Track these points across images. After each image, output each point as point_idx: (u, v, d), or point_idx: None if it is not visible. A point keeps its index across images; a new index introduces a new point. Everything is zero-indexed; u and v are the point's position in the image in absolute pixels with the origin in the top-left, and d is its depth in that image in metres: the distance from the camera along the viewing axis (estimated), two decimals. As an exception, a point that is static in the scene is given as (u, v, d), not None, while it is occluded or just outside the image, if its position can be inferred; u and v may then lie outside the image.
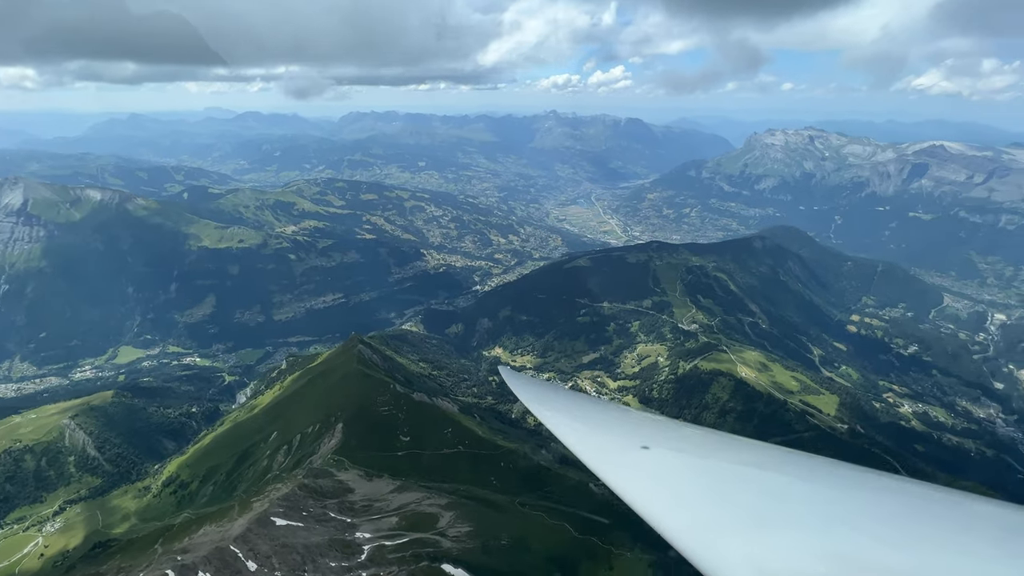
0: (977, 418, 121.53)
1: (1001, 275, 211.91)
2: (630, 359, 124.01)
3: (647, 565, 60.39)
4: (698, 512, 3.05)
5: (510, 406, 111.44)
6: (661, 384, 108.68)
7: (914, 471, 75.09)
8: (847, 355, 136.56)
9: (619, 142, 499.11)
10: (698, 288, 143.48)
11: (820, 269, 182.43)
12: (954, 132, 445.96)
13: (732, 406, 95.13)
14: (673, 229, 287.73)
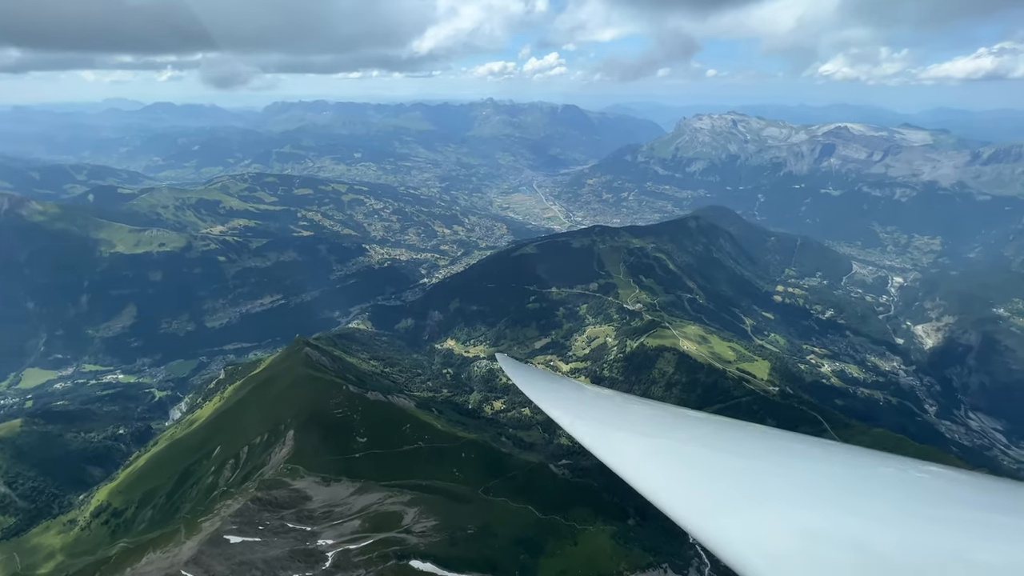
0: (884, 371, 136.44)
1: (898, 242, 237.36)
2: (580, 341, 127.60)
3: (609, 536, 63.17)
4: (694, 490, 3.04)
5: (467, 397, 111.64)
6: (611, 363, 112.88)
7: (835, 423, 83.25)
8: (774, 323, 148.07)
9: (557, 129, 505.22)
10: (640, 269, 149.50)
11: (748, 245, 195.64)
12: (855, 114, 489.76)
13: (677, 378, 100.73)
14: (613, 213, 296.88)
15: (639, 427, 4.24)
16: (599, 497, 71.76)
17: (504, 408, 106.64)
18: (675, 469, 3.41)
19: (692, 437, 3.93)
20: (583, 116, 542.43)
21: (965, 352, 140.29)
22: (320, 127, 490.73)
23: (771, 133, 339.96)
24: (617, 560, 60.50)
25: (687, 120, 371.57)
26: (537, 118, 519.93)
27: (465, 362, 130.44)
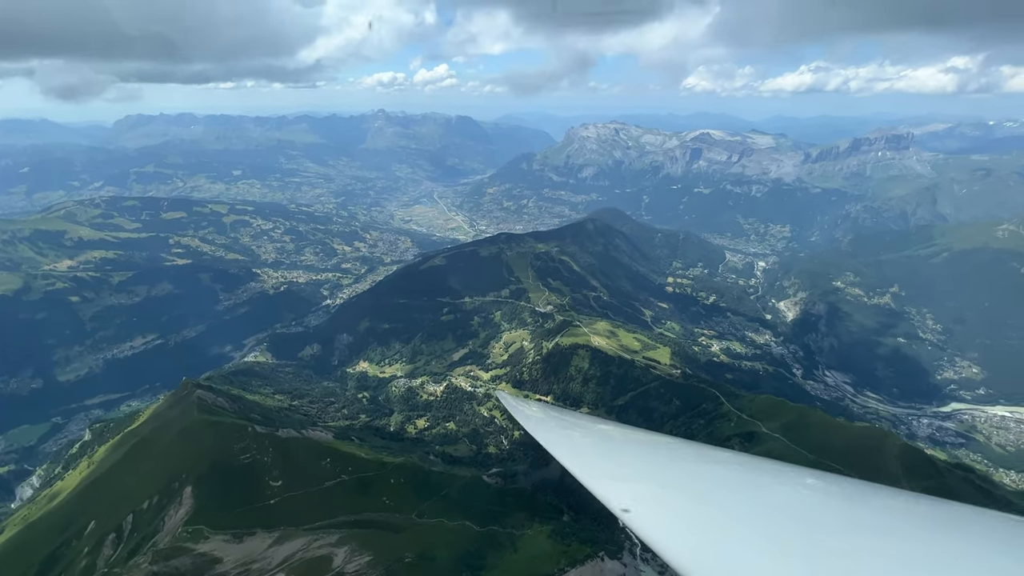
0: (759, 344, 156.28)
1: (758, 232, 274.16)
2: (498, 348, 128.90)
3: (547, 536, 64.42)
4: (699, 536, 3.00)
5: (387, 419, 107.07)
6: (530, 366, 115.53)
7: (728, 396, 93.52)
8: (669, 312, 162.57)
9: (452, 139, 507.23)
10: (547, 272, 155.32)
11: (639, 242, 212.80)
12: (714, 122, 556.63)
13: (592, 373, 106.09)
14: (515, 220, 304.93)
15: (635, 459, 4.31)
16: (533, 499, 72.97)
17: (428, 425, 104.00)
18: (675, 517, 3.39)
19: (692, 474, 3.98)
20: (477, 127, 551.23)
21: (817, 320, 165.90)
22: (189, 143, 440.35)
23: (649, 140, 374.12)
24: (557, 558, 61.91)
25: (575, 129, 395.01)
26: (432, 129, 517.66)
27: (382, 383, 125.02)
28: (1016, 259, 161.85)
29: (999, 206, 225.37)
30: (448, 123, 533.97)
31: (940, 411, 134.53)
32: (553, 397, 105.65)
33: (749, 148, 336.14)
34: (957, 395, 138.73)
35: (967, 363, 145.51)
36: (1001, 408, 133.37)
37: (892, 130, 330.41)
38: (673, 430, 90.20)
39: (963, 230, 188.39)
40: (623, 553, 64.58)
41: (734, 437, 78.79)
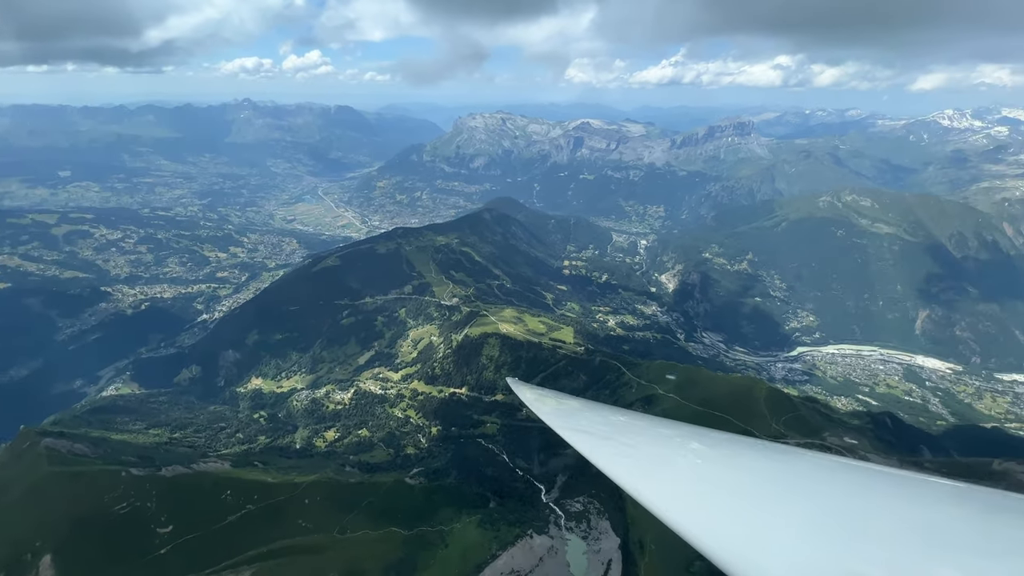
0: (648, 315, 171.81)
1: (638, 213, 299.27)
2: (406, 346, 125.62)
3: (476, 526, 65.19)
4: (712, 511, 3.11)
5: (291, 437, 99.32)
6: (441, 361, 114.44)
7: (628, 365, 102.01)
8: (568, 293, 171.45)
9: (333, 131, 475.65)
10: (449, 264, 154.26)
11: (535, 229, 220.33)
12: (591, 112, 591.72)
13: (504, 360, 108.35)
14: (410, 214, 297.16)
15: (648, 442, 4.58)
16: (459, 492, 73.14)
17: (339, 436, 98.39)
18: (685, 493, 3.47)
19: (711, 458, 4.06)
20: (360, 117, 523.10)
21: (692, 289, 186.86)
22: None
23: (535, 129, 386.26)
24: (487, 545, 63.03)
25: (463, 119, 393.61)
26: (309, 120, 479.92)
27: (281, 399, 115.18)
28: (834, 224, 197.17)
29: (819, 182, 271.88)
30: (327, 113, 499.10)
31: (789, 355, 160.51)
32: (468, 388, 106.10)
33: (625, 136, 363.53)
34: (800, 340, 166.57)
35: (806, 313, 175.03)
36: (832, 347, 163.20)
37: (737, 119, 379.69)
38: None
39: (794, 203, 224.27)
40: (549, 527, 67.75)
41: (636, 402, 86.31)
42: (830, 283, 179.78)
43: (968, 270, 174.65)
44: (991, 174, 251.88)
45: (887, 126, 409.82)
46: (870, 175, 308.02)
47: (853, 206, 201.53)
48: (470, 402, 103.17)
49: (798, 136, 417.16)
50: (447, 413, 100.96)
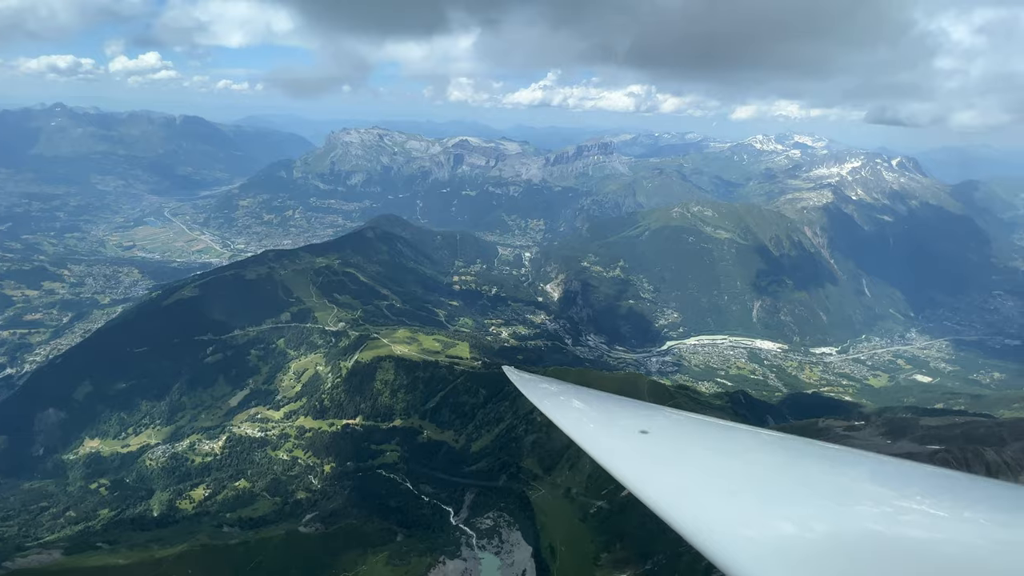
0: (537, 324, 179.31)
1: (520, 227, 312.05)
2: (288, 380, 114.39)
3: (384, 563, 61.46)
4: (700, 499, 3.08)
5: (147, 503, 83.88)
6: (330, 391, 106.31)
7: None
8: (460, 308, 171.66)
9: (180, 144, 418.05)
10: (332, 287, 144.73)
11: (422, 245, 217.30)
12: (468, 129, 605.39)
13: (400, 383, 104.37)
14: (282, 234, 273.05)
15: (650, 434, 4.35)
16: (361, 531, 68.30)
17: (210, 493, 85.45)
18: (677, 474, 3.44)
19: (705, 441, 4.07)
20: (214, 129, 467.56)
21: (575, 296, 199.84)
22: None
23: (414, 146, 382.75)
24: (399, 580, 59.74)
25: (336, 134, 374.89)
26: (148, 131, 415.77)
27: (127, 460, 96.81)
28: (685, 232, 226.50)
29: (671, 195, 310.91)
30: (171, 124, 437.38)
31: (661, 350, 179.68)
32: (363, 418, 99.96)
33: (502, 154, 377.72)
34: (669, 336, 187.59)
35: (671, 311, 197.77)
36: (693, 339, 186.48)
37: (600, 139, 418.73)
38: (483, 416, 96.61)
39: (653, 214, 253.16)
40: (461, 549, 66.42)
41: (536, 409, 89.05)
42: (687, 283, 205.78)
43: (785, 266, 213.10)
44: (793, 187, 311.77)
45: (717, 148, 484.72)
46: (708, 189, 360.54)
47: (699, 216, 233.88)
48: (366, 432, 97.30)
49: (650, 155, 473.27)
50: (341, 448, 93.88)
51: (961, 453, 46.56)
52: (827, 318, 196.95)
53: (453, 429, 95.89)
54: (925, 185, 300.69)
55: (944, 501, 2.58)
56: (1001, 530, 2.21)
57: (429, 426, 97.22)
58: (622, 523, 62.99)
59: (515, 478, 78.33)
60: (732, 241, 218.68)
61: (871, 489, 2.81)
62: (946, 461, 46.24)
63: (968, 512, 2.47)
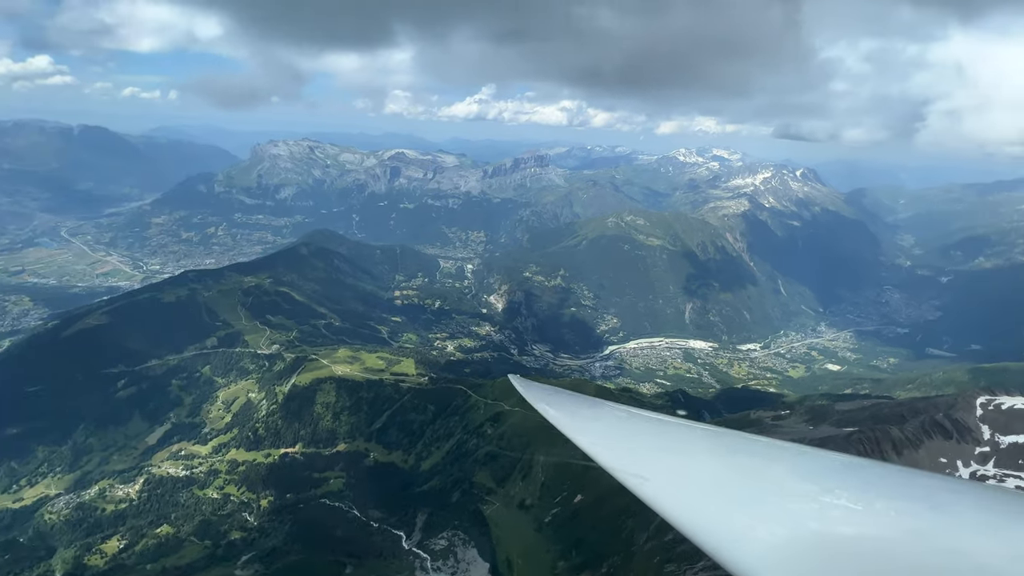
0: (483, 335, 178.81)
1: (461, 239, 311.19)
2: (216, 411, 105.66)
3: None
4: (717, 511, 3.03)
5: (47, 564, 73.72)
6: (265, 419, 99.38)
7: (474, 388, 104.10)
8: (403, 324, 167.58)
9: (79, 156, 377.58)
10: (264, 308, 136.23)
11: (360, 261, 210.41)
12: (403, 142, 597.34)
13: (342, 405, 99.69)
14: (204, 254, 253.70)
15: (656, 442, 4.33)
16: (307, 568, 64.14)
17: (127, 543, 76.53)
18: (691, 484, 3.41)
19: (709, 451, 3.96)
20: (120, 140, 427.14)
21: (519, 306, 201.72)
22: None
23: (347, 158, 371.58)
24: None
25: (262, 146, 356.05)
26: (39, 142, 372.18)
27: (20, 516, 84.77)
28: (621, 240, 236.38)
29: (605, 206, 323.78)
30: (67, 134, 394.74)
31: (603, 355, 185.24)
32: (303, 445, 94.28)
33: (440, 166, 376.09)
34: (610, 340, 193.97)
35: (611, 316, 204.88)
36: (632, 343, 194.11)
37: (536, 152, 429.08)
38: (432, 433, 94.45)
39: (590, 224, 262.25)
40: (416, 573, 64.14)
41: (486, 422, 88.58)
42: (625, 289, 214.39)
43: (711, 269, 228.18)
44: (714, 197, 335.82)
45: (645, 160, 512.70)
46: (639, 199, 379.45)
47: (632, 224, 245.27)
48: (307, 460, 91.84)
49: (584, 168, 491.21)
50: (279, 479, 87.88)
51: (872, 433, 51.79)
52: (750, 316, 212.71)
53: (402, 449, 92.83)
54: (824, 193, 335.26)
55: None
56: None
57: (376, 448, 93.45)
58: (577, 529, 63.75)
59: (468, 494, 77.00)
60: (663, 248, 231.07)
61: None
62: (860, 442, 51.29)
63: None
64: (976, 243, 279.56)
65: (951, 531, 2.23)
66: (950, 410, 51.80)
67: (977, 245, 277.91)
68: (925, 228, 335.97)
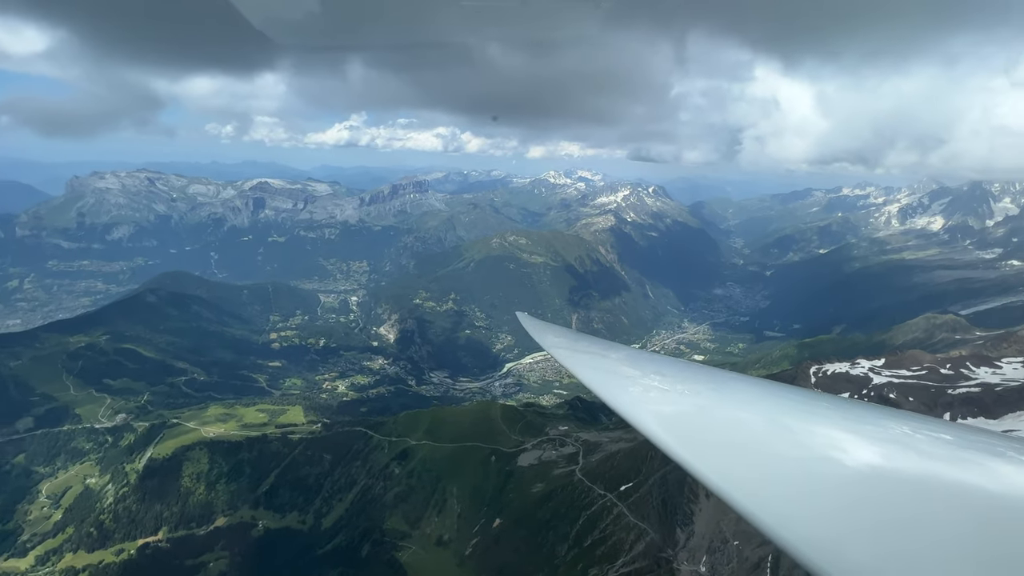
0: (376, 370, 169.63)
1: (342, 270, 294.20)
2: (39, 510, 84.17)
3: None
4: (729, 448, 2.86)
5: None
6: (113, 507, 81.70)
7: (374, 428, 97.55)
8: (285, 369, 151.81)
9: None
10: (100, 372, 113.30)
11: (225, 304, 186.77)
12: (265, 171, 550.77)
13: (218, 471, 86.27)
14: (5, 313, 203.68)
15: (666, 382, 4.11)
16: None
17: None
18: (703, 429, 3.22)
19: (720, 390, 3.81)
20: None
21: (412, 335, 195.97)
22: None
23: (198, 190, 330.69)
24: None
25: (82, 179, 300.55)
26: None
27: None
28: (506, 260, 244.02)
29: (487, 227, 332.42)
30: None
31: (502, 373, 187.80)
32: (168, 529, 79.23)
33: (311, 195, 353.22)
34: (506, 359, 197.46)
35: (504, 335, 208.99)
36: (528, 358, 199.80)
37: (414, 178, 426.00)
38: (332, 485, 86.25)
39: (475, 245, 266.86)
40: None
41: (392, 462, 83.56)
42: (515, 306, 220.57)
43: (590, 281, 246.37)
44: (585, 214, 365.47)
45: (520, 183, 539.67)
46: (518, 219, 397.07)
47: (515, 244, 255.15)
48: (176, 546, 77.41)
49: (462, 191, 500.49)
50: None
51: (741, 410, 60.11)
52: (627, 320, 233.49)
53: (297, 509, 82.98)
54: (673, 207, 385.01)
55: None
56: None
57: (265, 515, 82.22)
58: (500, 555, 62.81)
59: (380, 543, 71.41)
60: (546, 264, 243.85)
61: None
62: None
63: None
64: (786, 241, 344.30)
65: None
66: (793, 381, 62.22)
67: (787, 243, 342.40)
68: (749, 232, 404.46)
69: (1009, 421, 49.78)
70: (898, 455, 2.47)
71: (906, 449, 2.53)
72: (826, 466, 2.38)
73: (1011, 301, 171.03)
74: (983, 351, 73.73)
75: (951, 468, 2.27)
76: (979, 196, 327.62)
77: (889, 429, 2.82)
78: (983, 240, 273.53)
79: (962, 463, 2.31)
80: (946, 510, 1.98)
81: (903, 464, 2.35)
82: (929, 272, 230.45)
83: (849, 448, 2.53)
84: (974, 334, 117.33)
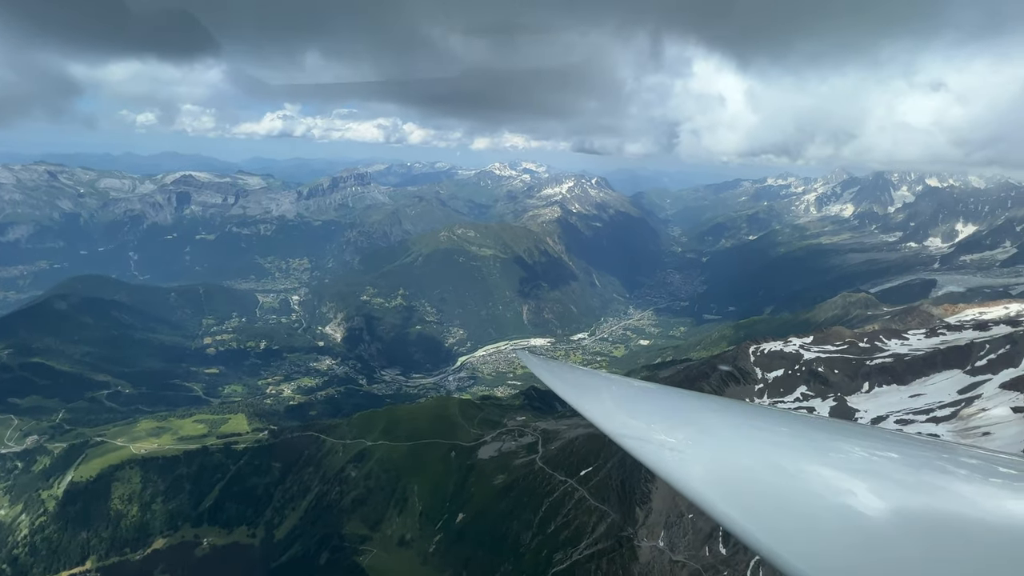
0: (324, 371, 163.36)
1: (281, 268, 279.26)
2: (-64, 549, 74.22)
3: None
4: (736, 481, 2.79)
5: None
6: (29, 540, 73.76)
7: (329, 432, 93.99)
8: (223, 375, 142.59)
9: None
10: (5, 390, 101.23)
11: (150, 308, 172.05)
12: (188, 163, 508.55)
13: (154, 490, 79.98)
14: None
15: (672, 416, 4.01)
16: None
17: None
18: (712, 463, 3.12)
19: (725, 423, 3.76)
20: None
21: (360, 333, 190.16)
22: None
23: (111, 184, 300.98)
24: None
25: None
26: None
27: None
28: (455, 253, 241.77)
29: (434, 220, 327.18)
30: None
31: (455, 367, 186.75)
32: (98, 558, 72.65)
33: (243, 189, 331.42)
34: (459, 352, 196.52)
35: (456, 328, 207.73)
36: (481, 351, 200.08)
37: (356, 170, 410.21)
38: (283, 493, 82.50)
39: (423, 239, 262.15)
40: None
41: (348, 465, 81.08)
42: (466, 300, 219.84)
43: (539, 272, 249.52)
44: (531, 206, 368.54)
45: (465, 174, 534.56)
46: (465, 212, 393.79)
47: (464, 237, 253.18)
48: (108, 575, 71.17)
49: (406, 184, 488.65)
50: (68, 611, 66.25)
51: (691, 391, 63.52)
52: (576, 309, 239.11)
53: (246, 523, 78.66)
54: (615, 197, 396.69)
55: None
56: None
57: (210, 531, 77.31)
58: (465, 549, 62.96)
59: (339, 549, 69.33)
60: (495, 256, 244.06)
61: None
62: (683, 399, 62.37)
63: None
64: (719, 229, 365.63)
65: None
66: (735, 361, 66.54)
67: (720, 231, 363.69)
68: (686, 221, 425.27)
69: (916, 386, 56.09)
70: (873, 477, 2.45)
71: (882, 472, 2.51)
72: (837, 497, 2.30)
73: (911, 279, 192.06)
74: (892, 324, 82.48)
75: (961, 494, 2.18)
76: (881, 185, 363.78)
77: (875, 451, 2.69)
78: (886, 225, 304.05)
79: (986, 496, 2.20)
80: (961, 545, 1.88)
81: (874, 483, 2.33)
82: (843, 255, 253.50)
83: (850, 476, 2.47)
84: (882, 310, 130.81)
